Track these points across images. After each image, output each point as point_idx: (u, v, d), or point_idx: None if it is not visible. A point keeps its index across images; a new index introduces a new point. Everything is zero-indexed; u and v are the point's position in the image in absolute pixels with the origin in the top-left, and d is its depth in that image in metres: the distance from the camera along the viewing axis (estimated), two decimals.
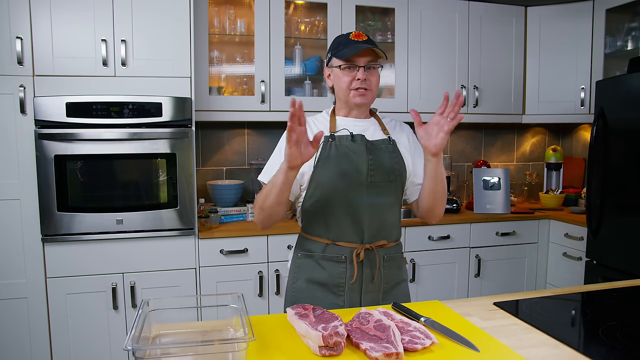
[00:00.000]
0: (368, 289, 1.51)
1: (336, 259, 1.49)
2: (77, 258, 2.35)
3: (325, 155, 1.47)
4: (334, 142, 1.49)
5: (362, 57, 1.46)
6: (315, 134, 1.26)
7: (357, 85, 1.47)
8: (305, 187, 1.51)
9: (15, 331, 2.33)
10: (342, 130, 1.51)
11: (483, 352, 1.07)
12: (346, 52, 1.45)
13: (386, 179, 1.49)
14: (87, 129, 2.31)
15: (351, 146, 1.48)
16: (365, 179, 1.47)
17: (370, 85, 1.49)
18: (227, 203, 2.85)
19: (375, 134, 1.54)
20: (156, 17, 2.39)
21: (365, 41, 1.47)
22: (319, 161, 1.47)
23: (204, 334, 1.18)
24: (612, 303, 1.44)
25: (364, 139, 1.50)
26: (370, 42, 1.48)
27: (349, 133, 1.50)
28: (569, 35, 3.14)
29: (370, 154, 1.48)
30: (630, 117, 2.45)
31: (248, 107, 2.80)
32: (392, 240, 1.54)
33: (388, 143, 1.53)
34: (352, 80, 1.47)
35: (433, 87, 3.10)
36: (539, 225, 3.11)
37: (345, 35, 1.51)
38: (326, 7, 2.89)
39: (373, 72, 1.49)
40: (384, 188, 1.49)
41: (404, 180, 1.54)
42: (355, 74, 1.47)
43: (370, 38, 1.51)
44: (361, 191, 1.47)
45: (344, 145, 1.48)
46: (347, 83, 1.48)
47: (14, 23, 2.22)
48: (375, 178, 1.47)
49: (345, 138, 1.49)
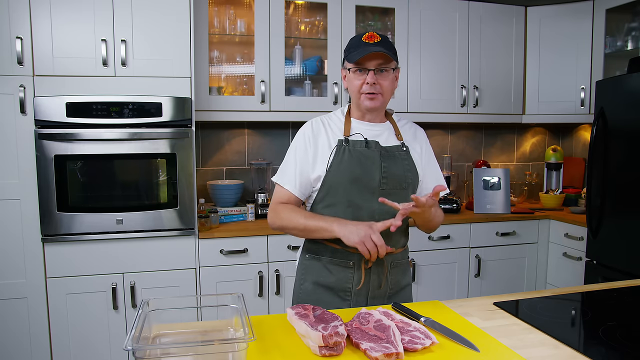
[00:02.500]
0: (375, 294, 1.51)
1: (344, 264, 1.48)
2: (77, 258, 2.35)
3: (338, 160, 1.46)
4: (348, 146, 1.47)
5: (373, 60, 1.43)
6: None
7: (367, 90, 1.44)
8: (317, 189, 1.51)
9: (15, 331, 2.33)
10: (357, 134, 1.50)
11: (483, 352, 1.07)
12: (355, 55, 1.43)
13: (398, 187, 1.48)
14: (87, 129, 2.31)
15: (365, 152, 1.46)
16: (377, 186, 1.46)
17: (381, 89, 1.45)
18: (227, 203, 2.85)
19: (390, 139, 1.53)
20: (156, 17, 2.39)
21: (377, 43, 1.42)
22: (332, 166, 1.46)
23: (204, 334, 1.18)
24: (612, 303, 1.44)
25: (378, 145, 1.48)
26: (383, 43, 1.43)
27: (364, 139, 1.49)
28: (569, 35, 3.14)
29: (384, 161, 1.47)
30: (630, 117, 2.45)
31: (248, 107, 2.80)
32: (399, 247, 1.54)
33: (402, 149, 1.52)
34: (362, 83, 1.45)
35: (433, 87, 3.10)
36: (539, 225, 3.11)
37: (358, 37, 1.47)
38: (326, 7, 2.89)
39: (384, 75, 1.45)
40: (395, 195, 1.47)
41: (415, 187, 1.53)
42: (365, 77, 1.44)
43: (385, 39, 1.46)
44: (372, 198, 1.45)
45: (357, 150, 1.47)
46: (358, 86, 1.46)
47: (14, 23, 2.22)
48: (388, 186, 1.47)
49: (359, 143, 1.48)
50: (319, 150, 1.49)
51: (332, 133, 1.51)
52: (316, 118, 1.56)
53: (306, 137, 1.51)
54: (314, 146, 1.50)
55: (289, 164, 1.53)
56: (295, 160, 1.51)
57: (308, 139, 1.51)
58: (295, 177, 1.50)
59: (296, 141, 1.54)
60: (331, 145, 1.49)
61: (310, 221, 1.43)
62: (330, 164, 1.46)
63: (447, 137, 3.55)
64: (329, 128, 1.53)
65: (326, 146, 1.49)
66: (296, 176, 1.50)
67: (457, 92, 3.15)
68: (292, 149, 1.54)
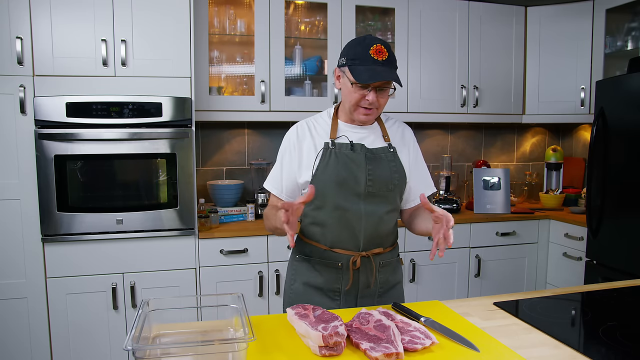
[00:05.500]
0: (364, 294, 1.51)
1: (332, 265, 1.49)
2: (77, 258, 2.35)
3: (324, 163, 1.46)
4: (334, 149, 1.47)
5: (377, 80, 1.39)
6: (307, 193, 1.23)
7: (365, 105, 1.43)
8: (305, 192, 1.51)
9: (15, 331, 2.33)
10: (342, 137, 1.50)
11: (483, 352, 1.07)
12: (364, 75, 1.36)
13: (384, 189, 1.48)
14: (87, 129, 2.31)
15: (351, 155, 1.46)
16: (363, 189, 1.45)
17: (377, 105, 1.43)
18: (227, 203, 2.85)
19: (376, 141, 1.52)
20: (156, 17, 2.39)
21: (384, 62, 1.37)
22: (318, 169, 1.46)
23: (204, 334, 1.18)
24: (612, 303, 1.44)
25: (363, 148, 1.48)
26: (390, 62, 1.38)
27: (349, 142, 1.48)
28: (569, 35, 3.14)
29: (369, 164, 1.46)
30: (630, 117, 2.45)
31: (248, 107, 2.80)
32: (387, 246, 1.54)
33: (388, 151, 1.51)
34: (361, 98, 1.42)
35: (433, 87, 3.10)
36: (539, 225, 3.11)
37: (364, 47, 1.38)
38: (326, 7, 2.89)
39: (384, 94, 1.43)
40: (381, 197, 1.47)
41: (402, 188, 1.53)
42: (365, 93, 1.41)
43: (391, 55, 1.39)
44: (358, 200, 1.45)
45: (343, 153, 1.46)
46: (356, 99, 1.43)
47: (14, 23, 2.22)
48: (374, 188, 1.46)
49: (345, 146, 1.47)
50: (304, 155, 1.49)
51: (317, 136, 1.51)
52: (302, 121, 1.56)
53: (291, 142, 1.52)
54: (299, 151, 1.50)
55: (276, 169, 1.55)
56: (282, 166, 1.53)
57: (293, 144, 1.51)
58: (282, 182, 1.52)
59: (282, 147, 1.54)
60: (317, 148, 1.48)
61: (274, 218, 1.42)
62: (316, 167, 1.46)
63: (447, 137, 3.55)
64: (314, 131, 1.52)
65: (312, 150, 1.49)
66: (283, 182, 1.52)
67: (457, 92, 3.15)
68: (279, 155, 1.55)
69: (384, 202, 1.48)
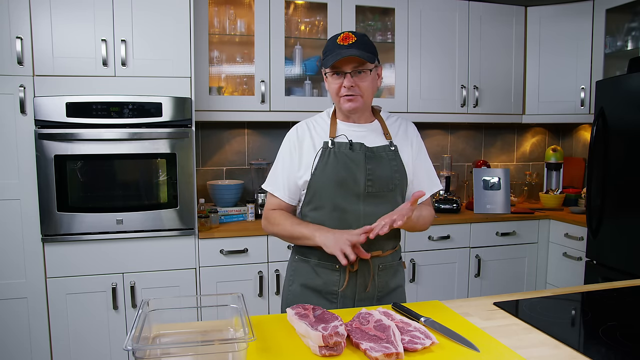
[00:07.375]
0: (362, 297, 1.49)
1: (330, 267, 1.48)
2: (77, 258, 2.35)
3: (323, 163, 1.45)
4: (333, 148, 1.46)
5: (348, 64, 1.40)
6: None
7: (344, 93, 1.43)
8: (304, 192, 1.51)
9: (15, 331, 2.33)
10: (341, 136, 1.49)
11: (483, 352, 1.06)
12: (329, 59, 1.40)
13: (385, 189, 1.46)
14: (87, 129, 2.31)
15: (350, 155, 1.45)
16: (362, 189, 1.44)
17: (360, 91, 1.43)
18: (227, 203, 2.85)
19: (376, 140, 1.50)
20: (156, 17, 2.39)
21: (351, 45, 1.38)
22: (317, 169, 1.45)
23: (204, 334, 1.18)
24: (612, 303, 1.44)
25: (363, 147, 1.46)
26: (357, 44, 1.39)
27: (348, 141, 1.47)
28: (569, 36, 3.14)
29: (368, 163, 1.45)
30: (630, 117, 2.45)
31: (248, 107, 2.80)
32: (388, 249, 1.52)
33: (389, 150, 1.49)
34: (340, 87, 1.43)
35: (433, 87, 3.10)
36: (539, 225, 3.11)
37: (333, 39, 1.43)
38: (326, 7, 2.89)
39: (362, 77, 1.42)
40: (382, 197, 1.46)
41: (404, 188, 1.51)
42: (342, 80, 1.42)
43: (361, 38, 1.41)
44: (358, 201, 1.45)
45: (342, 153, 1.45)
46: (336, 89, 1.44)
47: (14, 23, 2.22)
48: (373, 188, 1.45)
49: (344, 145, 1.46)
50: (304, 155, 1.49)
51: (317, 136, 1.50)
52: (302, 122, 1.56)
53: (291, 142, 1.52)
54: (299, 151, 1.50)
55: (276, 170, 1.54)
56: (283, 167, 1.52)
57: (293, 144, 1.51)
58: (283, 183, 1.51)
59: (282, 147, 1.54)
60: (316, 148, 1.48)
61: (296, 228, 1.45)
62: (315, 167, 1.46)
63: (447, 137, 3.55)
64: (314, 131, 1.52)
65: (311, 150, 1.48)
66: (284, 182, 1.51)
67: (457, 92, 3.15)
68: (279, 156, 1.55)
69: (384, 203, 1.46)
